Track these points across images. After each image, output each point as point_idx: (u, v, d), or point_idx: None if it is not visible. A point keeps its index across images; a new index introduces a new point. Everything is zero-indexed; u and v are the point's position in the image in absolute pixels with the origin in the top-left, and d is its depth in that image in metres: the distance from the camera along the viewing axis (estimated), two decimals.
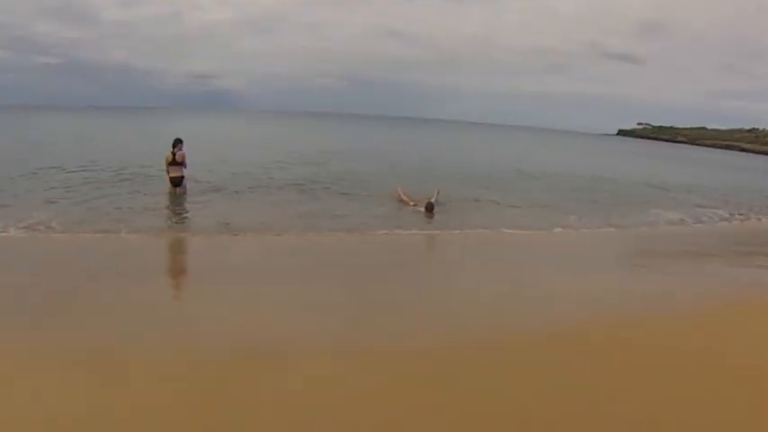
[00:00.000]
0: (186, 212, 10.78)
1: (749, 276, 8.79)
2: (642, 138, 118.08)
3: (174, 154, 11.99)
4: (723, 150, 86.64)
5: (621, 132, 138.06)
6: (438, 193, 12.88)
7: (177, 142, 12.02)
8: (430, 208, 11.92)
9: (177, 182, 12.09)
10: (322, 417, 3.60)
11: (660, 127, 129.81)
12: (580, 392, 4.08)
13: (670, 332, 5.47)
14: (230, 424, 3.47)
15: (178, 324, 5.35)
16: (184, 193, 12.12)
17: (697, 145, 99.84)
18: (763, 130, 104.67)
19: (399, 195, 13.18)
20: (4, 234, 8.29)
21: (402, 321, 5.59)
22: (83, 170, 14.83)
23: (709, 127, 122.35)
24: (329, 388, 4.01)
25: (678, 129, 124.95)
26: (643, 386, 4.21)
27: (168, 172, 12.09)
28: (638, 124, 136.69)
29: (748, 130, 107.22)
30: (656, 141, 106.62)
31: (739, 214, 15.68)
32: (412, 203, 12.49)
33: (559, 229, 11.40)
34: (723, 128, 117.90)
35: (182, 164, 12.06)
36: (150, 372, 4.13)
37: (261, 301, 5.99)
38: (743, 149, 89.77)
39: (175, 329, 5.14)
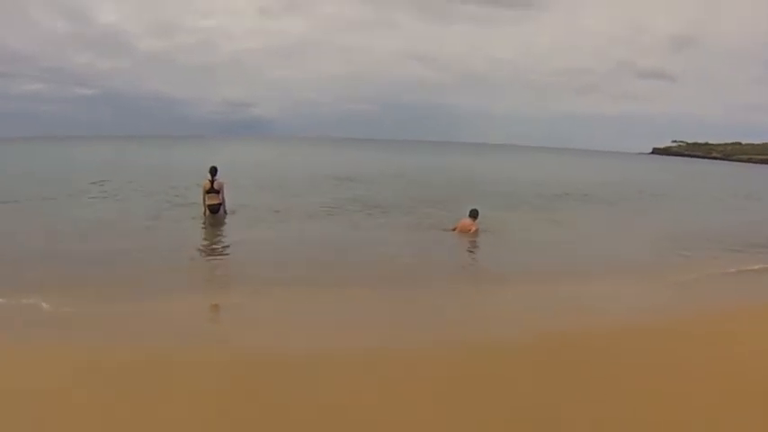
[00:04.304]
0: (225, 243, 10.46)
1: None
2: (677, 155, 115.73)
3: (211, 182, 12.01)
4: (760, 165, 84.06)
5: (656, 151, 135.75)
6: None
7: (214, 170, 11.99)
8: (473, 214, 11.40)
9: (215, 209, 12.01)
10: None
11: (694, 143, 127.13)
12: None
13: None
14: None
15: (217, 337, 5.51)
16: (222, 220, 12.15)
17: (731, 161, 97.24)
18: None
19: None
20: None
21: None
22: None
23: (743, 142, 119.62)
24: (367, 395, 4.03)
25: (712, 144, 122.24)
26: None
27: (205, 200, 12.17)
28: (673, 142, 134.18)
29: None
30: (690, 158, 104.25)
31: None
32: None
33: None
34: (758, 142, 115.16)
35: (219, 192, 12.17)
36: (191, 384, 4.15)
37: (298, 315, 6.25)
38: None
39: (215, 342, 5.26)
